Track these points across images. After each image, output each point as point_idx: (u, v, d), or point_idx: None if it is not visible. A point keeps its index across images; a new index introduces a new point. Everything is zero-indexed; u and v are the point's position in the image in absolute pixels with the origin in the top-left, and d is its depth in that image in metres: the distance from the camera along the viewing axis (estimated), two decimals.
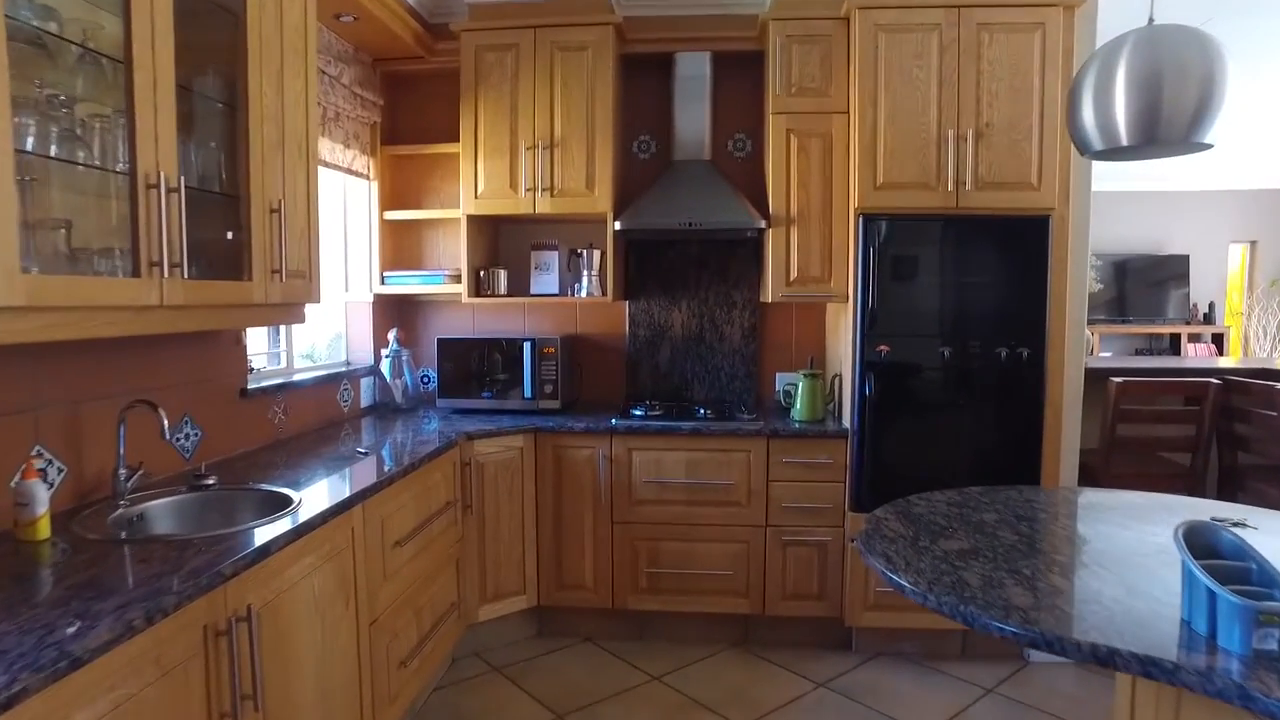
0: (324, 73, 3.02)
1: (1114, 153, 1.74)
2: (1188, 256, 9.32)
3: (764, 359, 3.85)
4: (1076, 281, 3.19)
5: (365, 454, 2.64)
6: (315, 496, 2.06)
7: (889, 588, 3.19)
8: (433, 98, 3.76)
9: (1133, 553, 1.68)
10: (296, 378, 3.11)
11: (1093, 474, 3.39)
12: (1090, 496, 2.17)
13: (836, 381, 3.47)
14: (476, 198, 3.47)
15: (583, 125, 3.38)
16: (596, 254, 3.61)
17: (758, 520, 3.27)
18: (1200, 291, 9.41)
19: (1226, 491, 3.51)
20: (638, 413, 3.42)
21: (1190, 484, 3.37)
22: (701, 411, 3.43)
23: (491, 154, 3.44)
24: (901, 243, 3.12)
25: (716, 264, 3.81)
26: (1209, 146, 1.63)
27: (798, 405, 3.40)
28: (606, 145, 3.38)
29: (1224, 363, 4.52)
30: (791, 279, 3.31)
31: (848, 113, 3.18)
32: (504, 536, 3.23)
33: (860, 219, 3.11)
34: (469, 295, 3.55)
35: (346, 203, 3.70)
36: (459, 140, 3.46)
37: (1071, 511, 2.00)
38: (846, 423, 3.26)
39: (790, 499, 3.25)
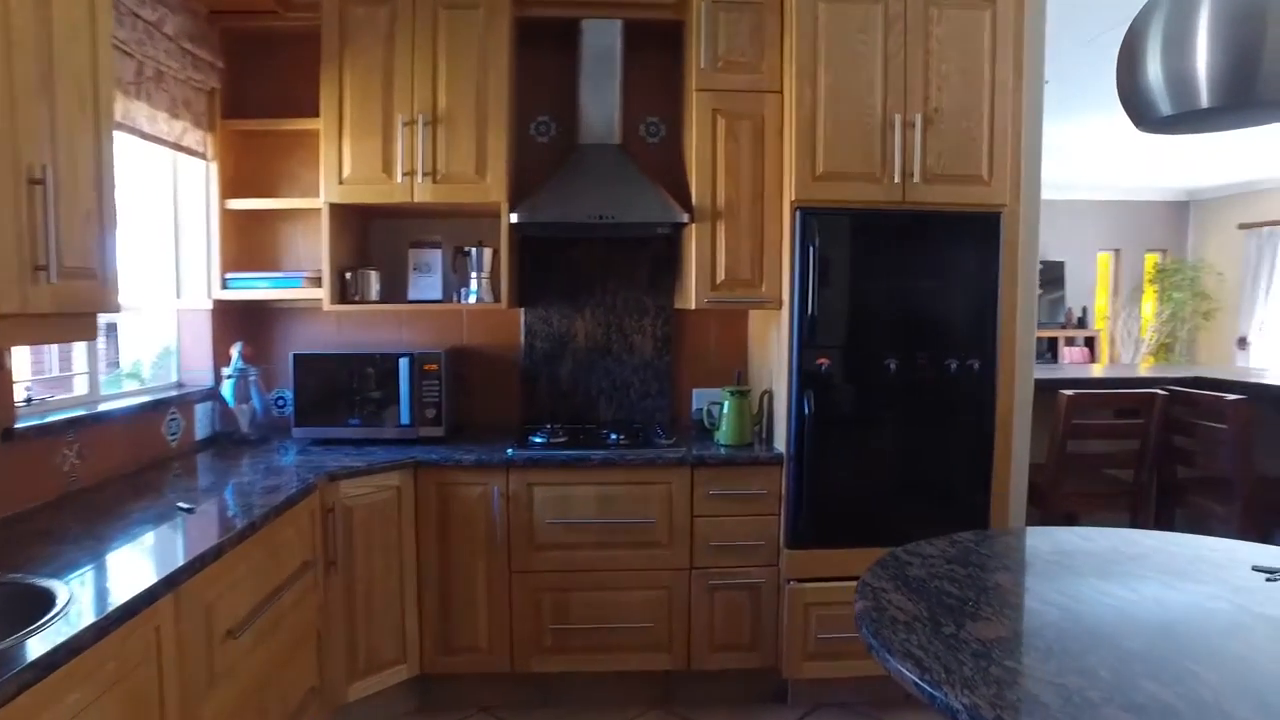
0: (135, 15, 2.35)
1: (1184, 121, 1.38)
2: (1063, 263, 9.62)
3: (679, 373, 3.41)
4: (1027, 286, 2.92)
5: (189, 510, 2.01)
6: (100, 588, 1.45)
7: (834, 634, 2.86)
8: (289, 63, 3.10)
9: (1212, 632, 1.33)
10: (102, 407, 2.42)
11: (1041, 494, 3.13)
12: (1099, 540, 1.83)
13: (766, 399, 3.06)
14: (341, 183, 2.86)
15: (472, 99, 2.84)
16: (487, 253, 3.07)
17: (681, 562, 2.82)
18: (1074, 297, 9.74)
19: (1166, 508, 3.34)
20: (538, 440, 2.91)
21: (1135, 502, 3.17)
22: (613, 437, 2.95)
23: (360, 131, 2.84)
24: (842, 241, 2.75)
25: (625, 265, 3.34)
26: None
27: (723, 427, 2.98)
28: (501, 123, 2.85)
29: (1149, 371, 4.43)
30: (718, 282, 2.88)
31: (782, 92, 2.78)
32: (378, 597, 2.64)
33: (797, 213, 2.72)
34: (332, 301, 2.93)
35: (177, 187, 3.01)
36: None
37: (1096, 566, 1.65)
38: (780, 446, 2.87)
39: (718, 536, 2.81)
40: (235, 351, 2.97)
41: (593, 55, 3.00)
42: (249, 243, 3.17)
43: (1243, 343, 9.37)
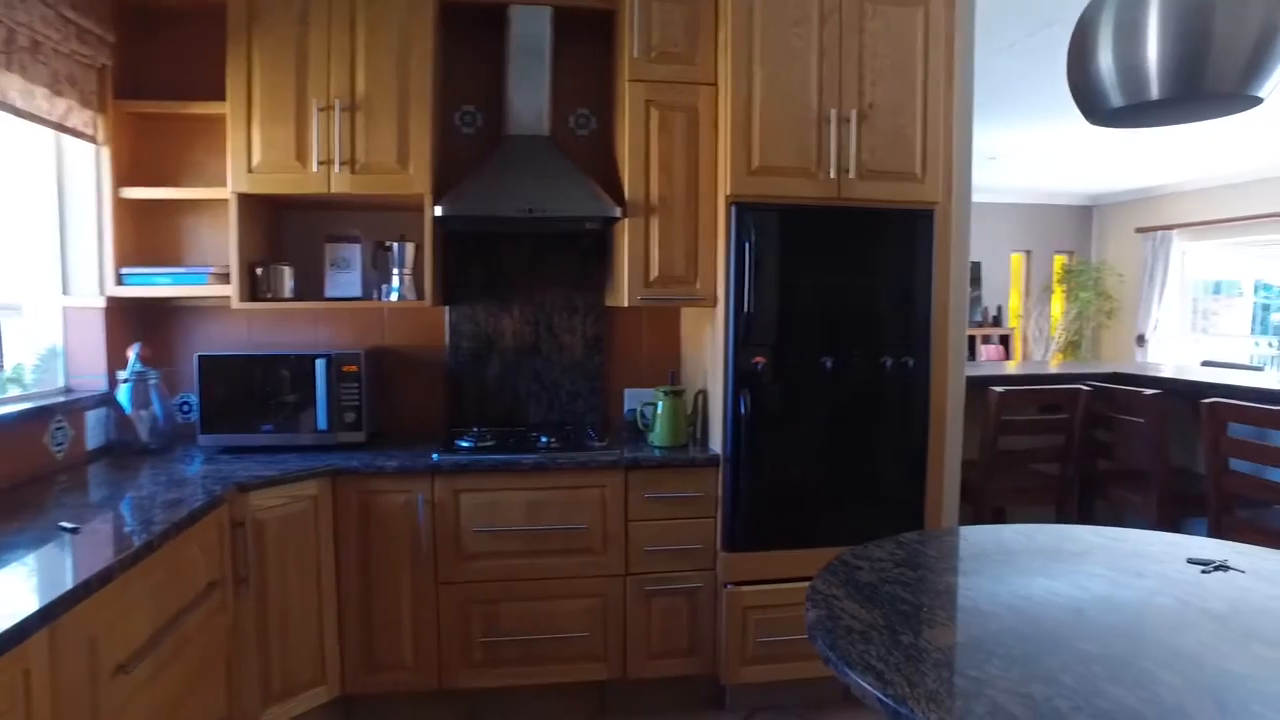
0: None
1: (1134, 114, 1.36)
2: (980, 263, 9.92)
3: (611, 373, 3.31)
4: (958, 284, 2.94)
5: (74, 530, 1.81)
6: None
7: (772, 638, 2.82)
8: (192, 41, 2.88)
9: (1163, 630, 1.31)
10: None
11: (973, 491, 3.16)
12: (1040, 538, 1.82)
13: (700, 399, 3.00)
14: (250, 171, 2.66)
15: (393, 84, 2.68)
16: (409, 248, 2.92)
17: (616, 568, 2.73)
18: (989, 296, 10.07)
19: (1088, 500, 3.42)
20: (465, 444, 2.77)
21: (1060, 495, 3.23)
22: (544, 440, 2.84)
23: (271, 116, 2.65)
24: (778, 237, 2.70)
25: (554, 261, 3.23)
26: (1259, 101, 1.29)
27: (657, 428, 2.90)
28: (424, 111, 2.71)
29: (1061, 367, 4.55)
30: (651, 279, 2.80)
31: (716, 84, 2.72)
32: (295, 614, 2.46)
33: (732, 208, 2.66)
34: (241, 299, 2.73)
35: (63, 172, 2.75)
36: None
37: (1042, 565, 1.63)
38: (715, 447, 2.81)
39: (654, 541, 2.74)
40: (132, 353, 2.74)
41: (521, 43, 2.87)
42: (148, 236, 2.93)
43: (1141, 340, 9.84)
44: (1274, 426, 2.56)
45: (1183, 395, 3.44)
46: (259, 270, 2.80)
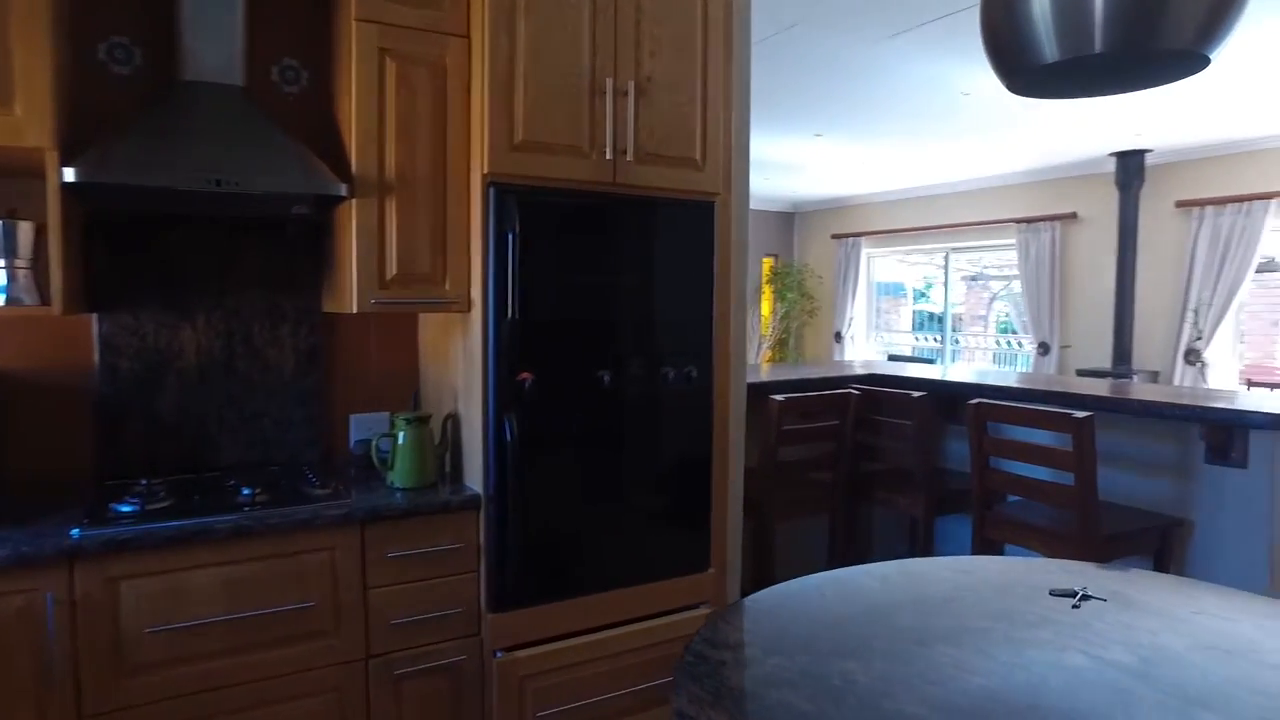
0: None
1: (1063, 73, 1.07)
2: None
3: (332, 397, 2.65)
4: (739, 285, 2.69)
5: None
6: None
7: (556, 708, 2.35)
8: None
9: (1098, 703, 1.06)
10: None
11: (756, 506, 2.94)
12: (897, 580, 1.55)
13: (450, 425, 2.46)
14: None
15: None
16: (24, 229, 2.03)
17: (354, 652, 2.10)
18: None
19: (857, 504, 3.38)
20: (126, 508, 1.98)
21: (832, 503, 3.13)
22: (247, 492, 2.13)
23: None
24: (547, 228, 2.24)
25: (253, 254, 2.50)
26: (1206, 63, 1.07)
27: (398, 465, 2.31)
28: (39, 26, 1.86)
29: (773, 373, 4.58)
30: (389, 277, 2.21)
31: (469, 37, 2.20)
32: None
33: (490, 190, 2.16)
34: None
35: None
36: None
37: (925, 624, 1.34)
38: (473, 484, 2.29)
39: (402, 610, 2.16)
40: None
41: None
42: None
43: (839, 337, 10.79)
44: (1032, 425, 2.61)
45: (935, 397, 3.53)
46: None
